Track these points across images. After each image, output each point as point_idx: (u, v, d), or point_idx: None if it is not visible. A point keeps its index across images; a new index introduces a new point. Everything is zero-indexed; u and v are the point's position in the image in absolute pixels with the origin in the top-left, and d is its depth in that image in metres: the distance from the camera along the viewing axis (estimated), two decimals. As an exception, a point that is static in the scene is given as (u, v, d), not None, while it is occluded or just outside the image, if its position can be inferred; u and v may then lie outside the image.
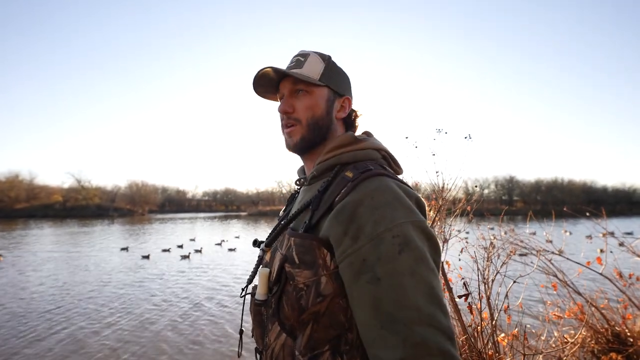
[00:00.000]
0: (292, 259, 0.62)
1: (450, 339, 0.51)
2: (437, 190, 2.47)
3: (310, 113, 0.72)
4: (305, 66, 0.72)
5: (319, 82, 0.72)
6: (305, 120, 0.72)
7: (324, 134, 0.74)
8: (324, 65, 0.73)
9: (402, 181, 0.66)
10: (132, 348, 5.10)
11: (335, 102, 0.75)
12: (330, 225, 0.60)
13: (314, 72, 0.72)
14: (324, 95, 0.73)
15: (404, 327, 0.51)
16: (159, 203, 74.39)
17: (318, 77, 0.72)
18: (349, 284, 0.57)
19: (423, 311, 0.51)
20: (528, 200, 69.11)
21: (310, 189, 0.74)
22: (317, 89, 0.73)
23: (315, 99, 0.72)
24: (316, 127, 0.72)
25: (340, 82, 0.76)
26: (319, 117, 0.72)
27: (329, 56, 0.76)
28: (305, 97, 0.72)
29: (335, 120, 0.75)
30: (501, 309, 2.14)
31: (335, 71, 0.75)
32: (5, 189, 54.34)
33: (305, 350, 0.60)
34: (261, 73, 0.73)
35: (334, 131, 0.76)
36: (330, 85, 0.73)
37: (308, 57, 0.74)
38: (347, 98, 0.76)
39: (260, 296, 0.66)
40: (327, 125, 0.74)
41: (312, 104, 0.72)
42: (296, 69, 0.73)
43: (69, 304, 7.36)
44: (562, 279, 2.72)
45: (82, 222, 38.21)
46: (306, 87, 0.72)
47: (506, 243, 2.65)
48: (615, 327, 2.75)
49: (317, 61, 0.73)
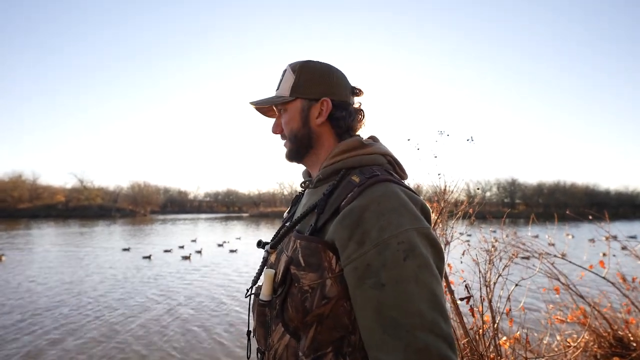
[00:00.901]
0: (297, 261, 0.63)
1: (451, 346, 0.52)
2: (439, 192, 2.47)
3: (288, 128, 0.76)
4: (280, 85, 0.78)
5: (290, 97, 0.74)
6: (288, 135, 0.77)
7: (307, 143, 0.76)
8: (294, 78, 0.75)
9: (408, 187, 0.67)
10: (132, 348, 5.11)
11: (312, 110, 0.74)
12: (336, 229, 0.61)
13: (286, 89, 0.75)
14: (297, 108, 0.75)
15: (407, 332, 0.51)
16: (161, 204, 74.55)
17: (289, 92, 0.75)
18: (353, 288, 0.58)
19: (426, 318, 0.52)
20: (530, 203, 68.82)
21: (315, 192, 0.75)
22: (291, 104, 0.76)
23: (290, 114, 0.76)
24: (296, 140, 0.76)
25: (313, 87, 0.74)
26: (296, 130, 0.75)
27: (301, 64, 0.75)
28: (285, 115, 0.77)
29: (315, 127, 0.75)
30: (503, 312, 2.13)
31: (308, 77, 0.74)
32: (8, 189, 54.65)
33: (309, 351, 0.61)
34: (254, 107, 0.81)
35: (320, 137, 0.75)
36: (302, 96, 0.74)
37: (284, 74, 0.77)
38: (324, 100, 0.73)
39: (265, 297, 0.67)
40: (307, 135, 0.75)
41: (289, 120, 0.76)
42: (277, 90, 0.79)
43: (69, 305, 7.38)
44: (564, 282, 2.71)
45: (85, 223, 38.35)
46: (283, 106, 0.77)
47: (508, 246, 2.65)
48: (619, 331, 2.73)
49: (289, 76, 0.76)
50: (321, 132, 0.76)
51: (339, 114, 0.75)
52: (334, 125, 0.75)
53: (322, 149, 0.76)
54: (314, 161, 0.78)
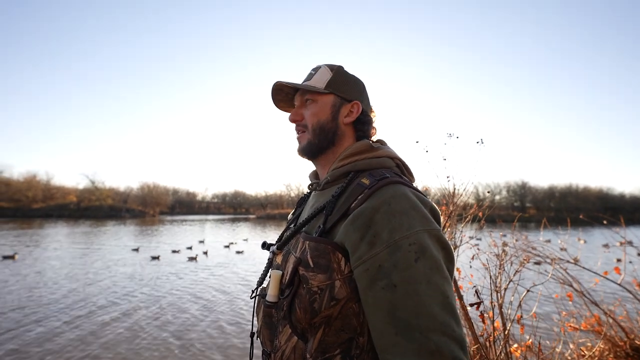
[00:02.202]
0: (306, 262, 0.62)
1: (463, 348, 0.52)
2: (448, 195, 2.44)
3: (315, 119, 0.76)
4: (314, 78, 0.78)
5: (324, 90, 0.76)
6: (311, 126, 0.76)
7: (330, 139, 0.76)
8: (331, 75, 0.77)
9: (417, 189, 0.67)
10: (136, 348, 5.16)
11: (342, 108, 0.77)
12: (346, 230, 0.61)
13: (321, 82, 0.77)
14: (329, 102, 0.76)
15: (420, 334, 0.51)
16: (170, 205, 75.54)
17: (324, 85, 0.76)
18: (364, 289, 0.58)
19: (438, 319, 0.52)
20: (541, 207, 67.53)
21: (323, 194, 0.75)
22: (323, 96, 0.77)
23: (320, 106, 0.76)
24: (322, 132, 0.76)
25: (348, 89, 0.78)
26: (324, 122, 0.76)
27: (338, 66, 0.79)
28: (312, 105, 0.77)
29: (342, 125, 0.77)
30: (514, 318, 2.08)
31: (344, 79, 0.78)
32: (23, 189, 56.12)
33: (317, 353, 0.60)
34: (275, 88, 0.80)
35: (343, 136, 0.77)
36: (336, 92, 0.76)
37: (319, 69, 0.79)
38: (356, 103, 0.77)
39: (271, 298, 0.66)
40: (333, 129, 0.76)
41: (318, 111, 0.76)
42: (307, 82, 0.79)
43: (78, 304, 7.51)
44: (578, 288, 2.63)
45: (95, 223, 39.09)
46: (313, 97, 0.77)
47: (519, 250, 2.59)
48: (635, 340, 2.64)
49: (325, 72, 0.78)
50: (345, 131, 0.78)
51: (364, 119, 0.79)
52: (358, 128, 0.78)
53: (341, 148, 0.77)
54: (329, 160, 0.78)
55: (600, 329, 2.57)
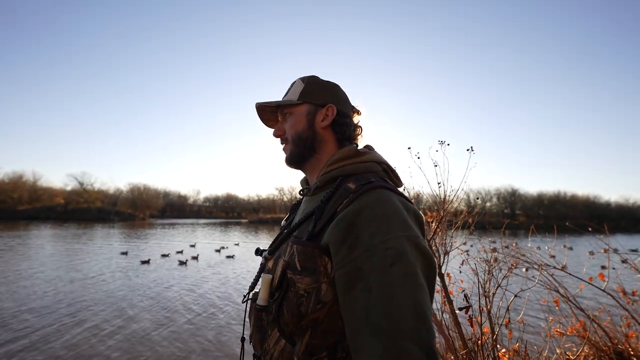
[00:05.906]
0: (294, 266, 0.63)
1: (429, 356, 0.51)
2: (439, 201, 2.47)
3: (293, 130, 0.79)
4: (289, 92, 0.82)
5: (298, 101, 0.79)
6: (291, 137, 0.79)
7: (310, 146, 0.78)
8: (303, 86, 0.80)
9: (402, 194, 0.68)
10: (123, 354, 5.04)
11: (317, 114, 0.79)
12: (330, 233, 0.62)
13: (295, 94, 0.80)
14: (304, 111, 0.79)
15: (386, 338, 0.52)
16: (160, 208, 74.41)
17: (297, 97, 0.79)
18: (342, 291, 0.58)
19: (408, 325, 0.52)
20: (530, 214, 68.69)
21: (313, 199, 0.76)
22: (298, 107, 0.80)
23: (296, 117, 0.79)
24: (300, 141, 0.78)
25: (321, 95, 0.80)
26: (301, 131, 0.78)
27: (310, 76, 0.82)
28: (290, 118, 0.80)
29: (320, 130, 0.79)
30: (502, 323, 2.11)
31: (316, 86, 0.80)
32: (8, 190, 54.64)
33: (304, 356, 0.61)
34: (258, 109, 0.84)
35: (322, 141, 0.79)
36: (309, 101, 0.79)
37: (293, 84, 0.83)
38: (330, 106, 0.79)
39: (262, 302, 0.67)
40: (311, 137, 0.78)
41: (295, 122, 0.79)
42: (285, 97, 0.82)
43: (64, 309, 7.31)
44: (564, 294, 2.68)
45: (83, 226, 38.20)
46: (290, 110, 0.80)
47: (507, 256, 2.63)
48: (618, 345, 2.70)
49: (298, 84, 0.81)
50: (324, 136, 0.79)
51: (342, 121, 0.80)
52: (337, 131, 0.80)
53: (323, 153, 0.79)
54: (315, 166, 0.80)
55: (585, 334, 2.63)
